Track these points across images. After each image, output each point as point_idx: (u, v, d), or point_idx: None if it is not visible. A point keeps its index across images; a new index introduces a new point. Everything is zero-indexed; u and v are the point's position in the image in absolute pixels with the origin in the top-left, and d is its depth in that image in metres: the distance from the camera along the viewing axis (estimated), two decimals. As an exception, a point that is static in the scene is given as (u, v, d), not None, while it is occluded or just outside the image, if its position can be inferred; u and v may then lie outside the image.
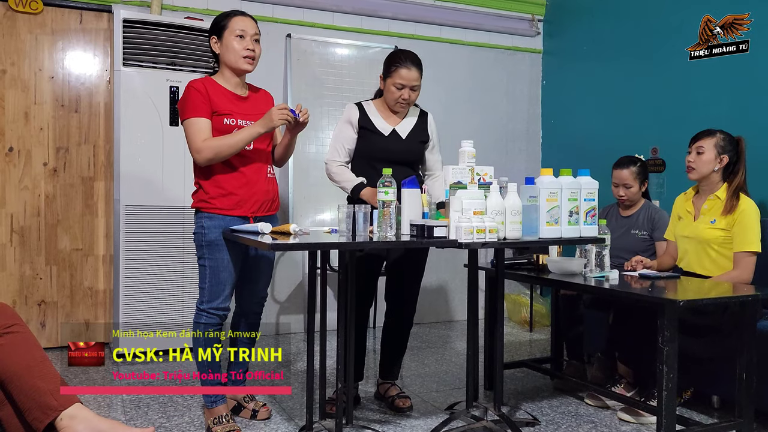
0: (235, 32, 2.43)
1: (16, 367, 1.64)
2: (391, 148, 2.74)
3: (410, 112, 2.84)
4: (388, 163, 2.65)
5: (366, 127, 2.75)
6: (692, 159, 2.81)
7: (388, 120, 2.78)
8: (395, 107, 2.74)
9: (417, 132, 2.81)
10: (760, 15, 3.47)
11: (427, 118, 2.87)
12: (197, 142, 2.38)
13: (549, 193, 2.31)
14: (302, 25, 4.28)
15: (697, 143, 2.80)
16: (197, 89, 2.41)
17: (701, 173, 2.79)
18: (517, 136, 5.00)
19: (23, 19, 3.70)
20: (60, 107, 3.80)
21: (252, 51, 2.45)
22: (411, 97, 2.71)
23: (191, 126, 2.40)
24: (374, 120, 2.76)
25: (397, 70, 2.67)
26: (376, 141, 2.74)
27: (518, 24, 4.96)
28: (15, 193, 3.71)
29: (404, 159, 2.75)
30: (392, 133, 2.76)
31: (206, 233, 2.43)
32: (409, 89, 2.69)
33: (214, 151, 2.37)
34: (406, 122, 2.81)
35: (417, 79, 2.70)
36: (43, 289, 3.78)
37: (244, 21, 2.46)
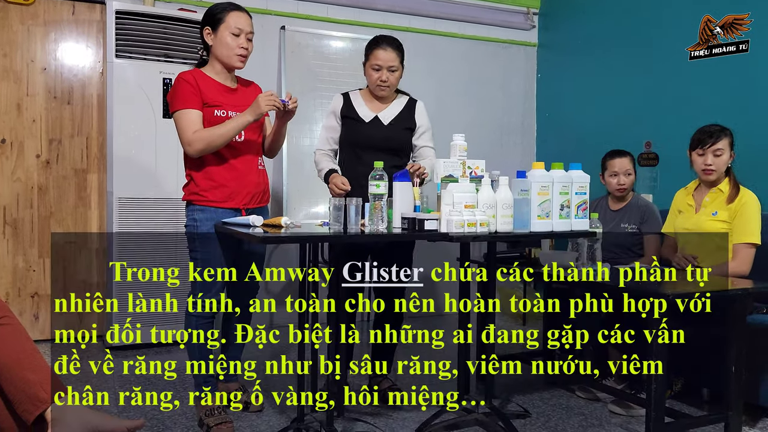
0: (231, 29, 2.41)
1: (6, 358, 1.64)
2: (371, 134, 2.72)
3: (397, 99, 2.81)
4: (372, 150, 2.65)
5: (348, 115, 2.75)
6: (710, 162, 2.75)
7: (372, 107, 2.77)
8: (376, 91, 2.72)
9: (402, 119, 2.78)
10: (760, 15, 3.47)
11: (415, 105, 2.84)
12: (188, 134, 2.38)
13: (540, 186, 2.31)
14: (297, 18, 4.26)
15: (716, 146, 2.74)
16: (187, 81, 2.40)
17: (720, 173, 2.77)
18: (512, 129, 5.00)
19: (15, 9, 3.68)
20: (53, 99, 3.78)
21: (245, 50, 2.45)
22: (390, 79, 2.68)
23: (182, 118, 2.39)
24: (357, 108, 2.76)
25: (374, 51, 2.67)
26: (357, 128, 2.73)
27: (513, 17, 4.95)
28: (8, 185, 3.69)
29: (387, 146, 2.72)
30: (374, 120, 2.75)
31: (198, 226, 2.43)
32: (387, 71, 2.67)
33: (205, 142, 2.37)
34: (391, 109, 2.78)
35: (394, 60, 2.67)
36: (36, 282, 3.77)
37: (240, 18, 2.44)
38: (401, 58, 2.71)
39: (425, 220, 2.18)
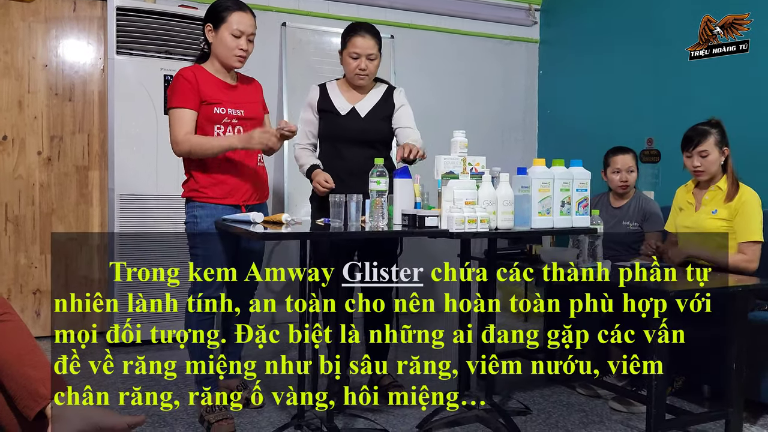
0: (233, 30, 2.40)
1: (7, 355, 1.64)
2: (348, 126, 2.66)
3: (375, 88, 2.75)
4: (350, 143, 2.61)
5: (325, 108, 2.69)
6: (698, 163, 2.75)
7: (349, 98, 2.70)
8: (354, 80, 2.66)
9: (379, 109, 2.71)
10: (760, 15, 3.46)
11: (393, 92, 2.75)
12: (179, 134, 2.39)
13: (541, 183, 2.30)
14: (298, 14, 4.26)
15: (699, 148, 2.73)
16: (186, 78, 2.39)
17: (711, 173, 2.76)
18: (514, 126, 4.99)
19: (16, 6, 3.68)
20: (54, 96, 3.78)
21: (245, 51, 2.44)
22: (369, 67, 2.62)
23: (175, 116, 2.40)
24: (334, 100, 2.70)
25: (351, 39, 2.60)
26: (334, 121, 2.68)
27: (515, 13, 4.94)
28: (9, 182, 3.70)
29: (365, 138, 2.66)
30: (351, 112, 2.69)
31: (198, 223, 2.43)
32: (366, 59, 2.60)
33: (190, 147, 2.38)
34: (368, 100, 2.71)
35: (373, 47, 2.60)
36: (38, 278, 3.78)
37: (242, 18, 2.42)
38: (379, 46, 2.64)
39: (426, 216, 2.17)
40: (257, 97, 2.59)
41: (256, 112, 2.55)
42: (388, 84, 2.81)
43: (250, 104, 2.50)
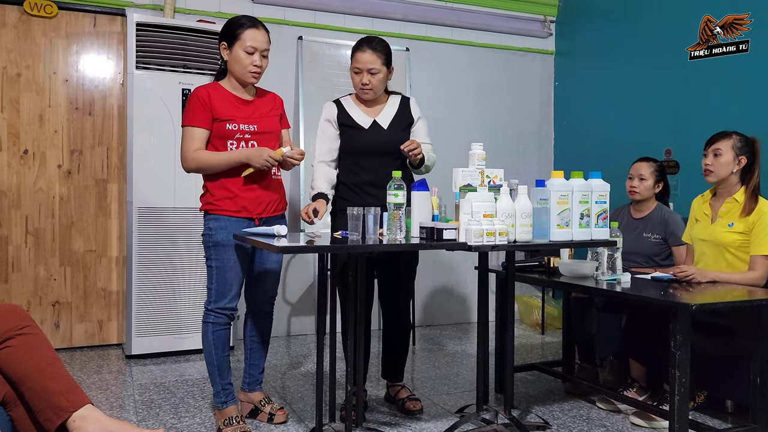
0: (246, 47, 2.44)
1: (28, 368, 1.66)
2: (373, 140, 2.68)
3: (390, 100, 2.77)
4: (373, 156, 2.62)
5: (345, 123, 2.70)
6: (709, 162, 2.75)
7: (367, 112, 2.73)
8: (360, 94, 2.68)
9: (399, 119, 2.74)
10: (760, 15, 3.44)
11: (409, 102, 2.79)
12: (188, 152, 2.45)
13: (560, 195, 2.29)
14: (314, 28, 4.29)
15: (714, 146, 2.75)
16: (199, 97, 2.45)
17: (719, 176, 2.75)
18: (529, 137, 4.98)
19: (38, 22, 3.75)
20: (74, 110, 3.83)
21: (258, 67, 2.47)
22: (372, 81, 2.62)
23: (186, 134, 2.47)
24: (353, 114, 2.71)
25: (354, 54, 2.63)
26: (357, 136, 2.69)
27: (530, 25, 4.94)
28: (29, 195, 3.75)
29: (389, 150, 2.66)
30: (373, 125, 2.70)
31: (213, 234, 2.46)
32: (368, 73, 2.61)
33: (197, 164, 2.45)
34: (387, 111, 2.74)
35: (374, 62, 2.60)
36: (57, 290, 3.82)
37: (256, 35, 2.45)
38: (384, 60, 2.63)
39: (444, 229, 2.17)
40: (274, 111, 2.61)
41: (271, 126, 2.56)
42: (401, 94, 2.84)
43: (265, 119, 2.53)
